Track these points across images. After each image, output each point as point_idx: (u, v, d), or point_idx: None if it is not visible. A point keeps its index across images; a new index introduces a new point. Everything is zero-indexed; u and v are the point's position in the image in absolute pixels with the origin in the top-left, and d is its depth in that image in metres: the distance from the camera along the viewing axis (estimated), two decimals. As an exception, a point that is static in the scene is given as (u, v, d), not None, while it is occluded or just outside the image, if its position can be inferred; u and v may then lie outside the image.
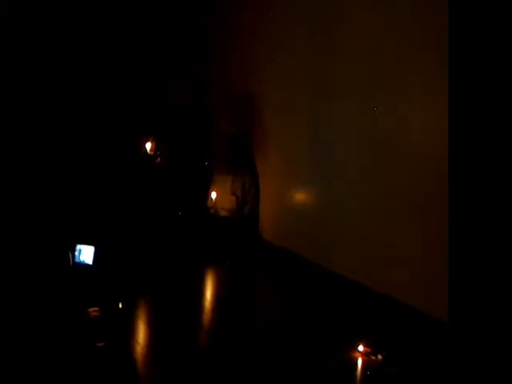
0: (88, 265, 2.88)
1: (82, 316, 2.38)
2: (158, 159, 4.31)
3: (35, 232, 3.25)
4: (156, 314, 2.52)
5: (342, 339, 2.34)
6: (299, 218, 3.49)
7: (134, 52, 4.51)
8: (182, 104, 4.59)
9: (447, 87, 1.73)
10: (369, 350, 2.24)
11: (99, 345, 2.13)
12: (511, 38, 1.53)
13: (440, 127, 2.06)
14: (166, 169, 4.29)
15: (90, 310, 2.42)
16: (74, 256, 2.89)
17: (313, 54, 3.30)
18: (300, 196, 3.58)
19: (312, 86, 3.34)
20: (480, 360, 1.48)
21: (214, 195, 3.87)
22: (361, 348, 2.24)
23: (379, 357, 2.21)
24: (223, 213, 3.88)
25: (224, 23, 4.48)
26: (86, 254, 2.92)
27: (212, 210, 3.89)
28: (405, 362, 2.14)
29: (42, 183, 3.82)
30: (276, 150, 3.79)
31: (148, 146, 4.29)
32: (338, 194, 3.10)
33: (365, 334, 2.31)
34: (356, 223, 2.91)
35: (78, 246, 2.91)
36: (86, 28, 4.31)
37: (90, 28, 4.33)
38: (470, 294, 1.55)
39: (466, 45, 1.64)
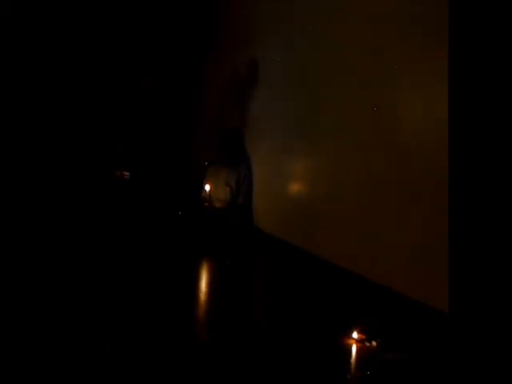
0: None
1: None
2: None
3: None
4: (150, 308, 2.51)
5: (337, 327, 2.35)
6: (293, 207, 3.50)
7: (117, 45, 4.52)
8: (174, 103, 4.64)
9: (447, 85, 1.74)
10: (363, 336, 2.25)
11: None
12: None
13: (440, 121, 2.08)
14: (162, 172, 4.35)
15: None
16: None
17: (309, 53, 3.32)
18: (294, 186, 3.58)
19: (303, 83, 3.37)
20: (479, 350, 1.48)
21: (207, 187, 3.88)
22: (355, 335, 2.26)
23: (373, 343, 2.22)
24: (218, 204, 3.90)
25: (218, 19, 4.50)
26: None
27: (206, 203, 3.90)
28: (401, 350, 2.15)
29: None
30: (269, 140, 3.80)
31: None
32: (334, 184, 3.11)
33: (359, 321, 2.32)
34: (353, 212, 2.91)
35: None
36: (78, 28, 4.33)
37: (82, 28, 4.35)
38: (470, 284, 1.55)
39: (466, 41, 1.65)
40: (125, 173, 2.75)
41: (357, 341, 2.23)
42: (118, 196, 4.09)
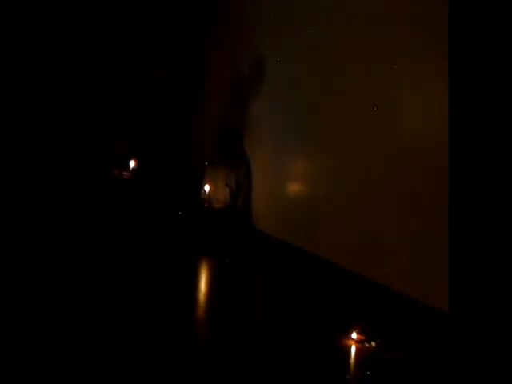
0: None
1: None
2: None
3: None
4: (150, 308, 2.51)
5: (337, 327, 2.35)
6: (293, 207, 3.49)
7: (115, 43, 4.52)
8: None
9: (447, 85, 1.74)
10: (362, 337, 2.25)
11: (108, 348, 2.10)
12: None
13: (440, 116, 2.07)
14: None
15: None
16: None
17: (309, 53, 3.32)
18: (294, 186, 3.58)
19: (303, 83, 3.37)
20: (479, 350, 1.47)
21: (207, 188, 3.88)
22: (354, 335, 2.25)
23: (373, 344, 2.22)
24: (218, 205, 3.90)
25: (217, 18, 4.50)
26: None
27: (206, 203, 3.90)
28: (401, 350, 2.16)
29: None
30: (269, 140, 3.80)
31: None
32: (334, 184, 3.10)
33: (359, 321, 2.31)
34: (353, 212, 2.90)
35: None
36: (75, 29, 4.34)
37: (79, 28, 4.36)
38: (470, 284, 1.54)
39: (466, 41, 1.64)
40: (124, 173, 2.74)
41: (356, 342, 2.23)
42: (118, 196, 4.09)
